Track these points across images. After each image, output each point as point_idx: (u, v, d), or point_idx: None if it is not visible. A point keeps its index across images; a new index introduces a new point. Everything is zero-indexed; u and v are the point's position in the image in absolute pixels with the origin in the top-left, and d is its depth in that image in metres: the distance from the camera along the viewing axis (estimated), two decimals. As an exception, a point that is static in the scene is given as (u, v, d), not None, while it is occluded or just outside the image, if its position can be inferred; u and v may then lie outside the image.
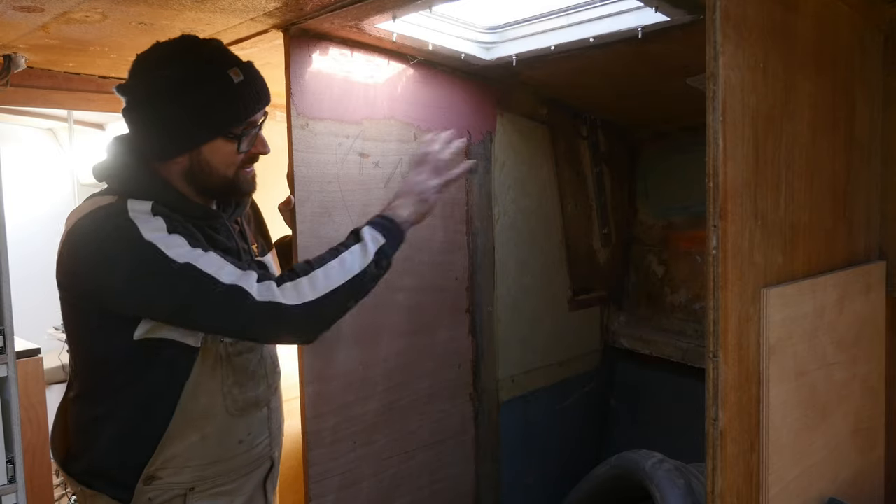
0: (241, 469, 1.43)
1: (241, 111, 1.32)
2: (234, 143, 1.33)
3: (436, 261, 1.98)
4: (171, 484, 1.34)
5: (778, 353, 1.23)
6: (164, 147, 1.32)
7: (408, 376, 1.92)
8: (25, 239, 3.92)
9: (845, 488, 1.47)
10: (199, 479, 1.36)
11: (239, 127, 1.33)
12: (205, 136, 1.31)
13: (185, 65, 1.29)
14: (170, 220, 1.26)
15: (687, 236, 2.55)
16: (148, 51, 1.33)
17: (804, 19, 1.30)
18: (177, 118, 1.28)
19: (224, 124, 1.31)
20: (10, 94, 1.93)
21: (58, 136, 4.22)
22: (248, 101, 1.32)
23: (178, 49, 1.32)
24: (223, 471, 1.39)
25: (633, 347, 2.58)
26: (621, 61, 1.88)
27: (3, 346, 1.82)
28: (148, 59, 1.32)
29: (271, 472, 1.53)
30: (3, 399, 1.83)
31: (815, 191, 1.36)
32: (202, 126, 1.30)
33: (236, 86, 1.29)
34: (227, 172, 1.35)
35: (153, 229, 1.23)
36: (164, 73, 1.28)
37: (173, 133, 1.30)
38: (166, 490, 1.34)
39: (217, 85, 1.29)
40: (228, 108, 1.30)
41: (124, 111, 1.34)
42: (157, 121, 1.30)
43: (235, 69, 1.31)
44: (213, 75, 1.29)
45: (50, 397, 3.23)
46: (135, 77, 1.32)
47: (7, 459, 1.81)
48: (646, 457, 1.90)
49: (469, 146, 2.06)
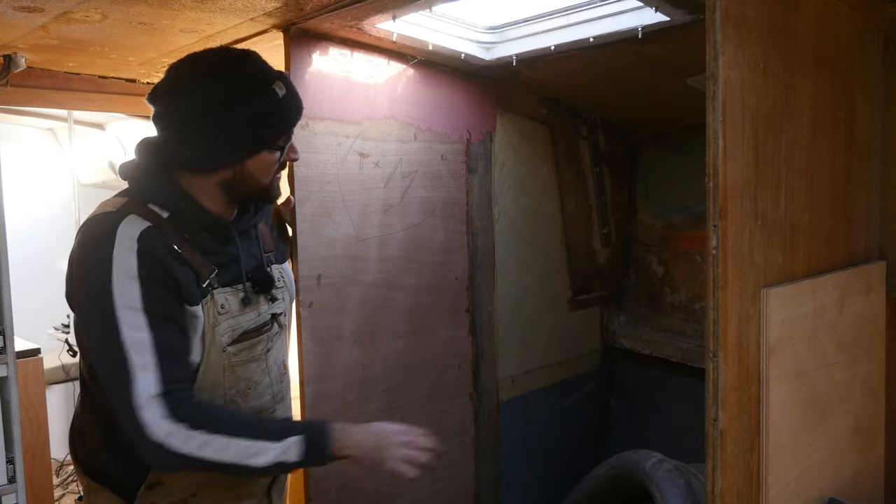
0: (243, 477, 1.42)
1: (286, 124, 1.34)
2: (277, 153, 1.35)
3: (436, 261, 1.98)
4: (173, 490, 1.35)
5: (778, 353, 1.23)
6: (209, 161, 1.32)
7: (408, 376, 1.92)
8: (25, 239, 3.92)
9: (845, 488, 1.47)
10: (201, 486, 1.37)
11: (283, 138, 1.35)
12: (254, 149, 1.32)
13: (232, 79, 1.29)
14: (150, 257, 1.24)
15: (687, 236, 2.55)
16: (188, 63, 1.32)
17: (804, 19, 1.30)
18: (226, 133, 1.29)
19: (272, 137, 1.33)
20: (10, 94, 1.93)
21: (58, 136, 4.22)
22: (291, 113, 1.35)
23: (222, 62, 1.32)
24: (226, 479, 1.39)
25: (633, 347, 2.58)
26: (621, 61, 1.87)
27: (3, 346, 1.82)
28: (192, 73, 1.31)
29: (276, 480, 1.53)
30: (3, 399, 1.83)
31: (815, 191, 1.36)
32: (252, 140, 1.31)
33: (281, 99, 1.31)
34: (264, 181, 1.37)
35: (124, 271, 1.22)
36: (212, 88, 1.27)
37: (222, 148, 1.30)
38: (168, 495, 1.35)
39: (265, 99, 1.29)
40: (276, 121, 1.32)
41: (159, 120, 1.32)
42: (205, 136, 1.29)
43: (279, 82, 1.32)
44: (260, 90, 1.29)
45: (50, 397, 3.23)
46: (176, 89, 1.31)
47: (7, 459, 1.81)
48: (646, 457, 1.90)
49: (469, 146, 2.06)
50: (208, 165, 1.33)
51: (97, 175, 3.89)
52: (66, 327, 3.66)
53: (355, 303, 1.77)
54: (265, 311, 1.42)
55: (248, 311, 1.38)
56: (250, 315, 1.38)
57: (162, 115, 1.32)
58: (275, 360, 1.48)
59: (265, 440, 1.27)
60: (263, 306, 1.42)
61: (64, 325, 3.69)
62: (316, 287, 1.67)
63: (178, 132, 1.31)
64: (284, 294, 1.52)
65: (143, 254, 1.24)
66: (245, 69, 1.31)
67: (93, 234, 1.28)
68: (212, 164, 1.33)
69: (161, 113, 1.32)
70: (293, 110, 1.35)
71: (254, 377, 1.41)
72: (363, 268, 1.78)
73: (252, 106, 1.28)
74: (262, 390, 1.44)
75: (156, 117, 1.33)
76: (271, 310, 1.44)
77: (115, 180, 3.81)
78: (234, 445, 1.25)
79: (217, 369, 1.34)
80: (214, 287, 1.33)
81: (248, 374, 1.40)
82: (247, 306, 1.37)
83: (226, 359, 1.34)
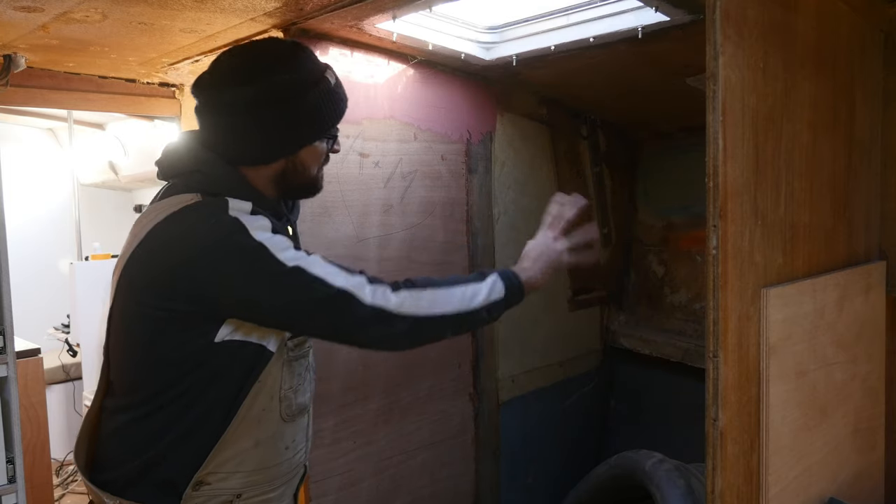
0: (284, 476, 1.41)
1: (339, 112, 1.35)
2: (327, 142, 1.35)
3: (436, 261, 1.98)
4: (219, 490, 1.32)
5: (778, 352, 1.23)
6: (266, 152, 1.31)
7: (408, 376, 1.92)
8: (25, 239, 3.92)
9: (845, 488, 1.47)
10: (246, 486, 1.34)
11: (336, 127, 1.36)
12: (309, 139, 1.32)
13: (290, 70, 1.28)
14: (271, 221, 1.26)
15: (687, 236, 2.55)
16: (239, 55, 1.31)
17: (804, 19, 1.30)
18: (284, 123, 1.28)
19: (328, 126, 1.34)
20: (10, 94, 1.93)
21: (58, 136, 4.22)
22: (343, 101, 1.35)
23: (277, 54, 1.32)
24: (269, 477, 1.37)
25: (633, 347, 2.58)
26: (621, 61, 1.87)
27: (3, 346, 1.82)
28: (245, 64, 1.30)
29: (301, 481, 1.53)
30: (3, 399, 1.83)
31: (815, 191, 1.36)
32: (310, 130, 1.32)
33: (333, 88, 1.32)
34: (314, 172, 1.37)
35: (259, 228, 1.22)
36: (271, 80, 1.26)
37: (283, 137, 1.30)
38: (214, 496, 1.31)
39: (320, 89, 1.30)
40: (332, 110, 1.33)
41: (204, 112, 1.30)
42: (263, 127, 1.28)
43: (330, 71, 1.33)
44: (315, 79, 1.30)
45: (50, 397, 3.23)
46: (230, 81, 1.28)
47: (7, 459, 1.81)
48: (646, 457, 1.90)
49: (469, 146, 2.06)
50: (268, 156, 1.31)
51: (97, 175, 3.89)
52: (65, 327, 3.66)
53: (355, 303, 1.77)
54: None
55: None
56: None
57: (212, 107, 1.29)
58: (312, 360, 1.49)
59: (473, 283, 1.35)
60: None
61: (64, 325, 3.69)
62: (316, 287, 1.67)
63: (234, 124, 1.29)
64: None
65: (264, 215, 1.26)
66: (300, 59, 1.31)
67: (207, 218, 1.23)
68: (271, 155, 1.31)
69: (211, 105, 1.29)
70: (344, 100, 1.36)
71: (302, 373, 1.41)
72: (363, 268, 1.78)
73: (310, 95, 1.29)
74: (306, 388, 1.44)
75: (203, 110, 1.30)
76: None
77: (115, 180, 3.82)
78: (454, 294, 1.31)
79: (277, 364, 1.33)
80: None
81: (299, 370, 1.39)
82: None
83: (285, 353, 1.34)
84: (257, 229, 1.21)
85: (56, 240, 4.15)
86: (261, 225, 1.23)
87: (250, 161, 1.31)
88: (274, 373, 1.32)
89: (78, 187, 3.83)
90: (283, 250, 1.21)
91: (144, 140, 3.28)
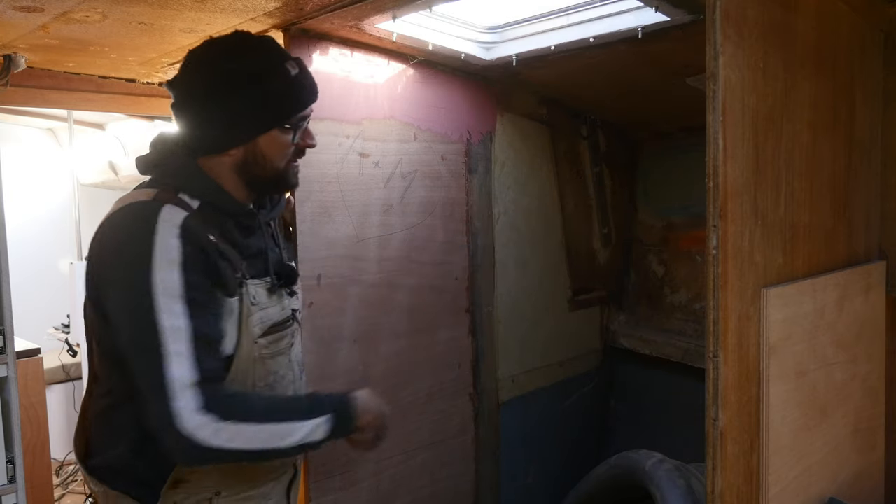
0: (266, 475, 1.42)
1: (297, 102, 1.35)
2: (289, 134, 1.35)
3: (436, 261, 1.98)
4: (198, 488, 1.33)
5: (778, 352, 1.23)
6: (221, 139, 1.33)
7: (408, 376, 1.92)
8: (25, 239, 3.92)
9: (845, 488, 1.47)
10: (225, 484, 1.36)
11: (294, 118, 1.35)
12: (263, 126, 1.33)
13: (245, 58, 1.31)
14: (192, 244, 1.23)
15: (687, 236, 2.55)
16: (202, 46, 1.35)
17: (804, 19, 1.30)
18: (237, 109, 1.30)
19: (282, 115, 1.34)
20: (10, 94, 1.93)
21: (58, 136, 4.22)
22: (302, 93, 1.35)
23: (236, 44, 1.35)
24: (250, 475, 1.38)
25: (633, 347, 2.58)
26: (621, 61, 1.87)
27: (3, 346, 1.82)
28: (205, 54, 1.33)
29: (294, 480, 1.53)
30: (3, 399, 1.83)
31: (815, 191, 1.36)
32: (262, 117, 1.32)
33: (293, 78, 1.33)
34: (279, 164, 1.37)
35: (166, 258, 1.20)
36: (225, 67, 1.30)
37: (233, 124, 1.31)
38: (192, 494, 1.33)
39: (276, 77, 1.31)
40: (286, 98, 1.33)
41: (174, 106, 1.35)
42: (216, 113, 1.31)
43: (292, 62, 1.34)
44: (272, 68, 1.32)
45: (50, 397, 3.23)
46: (191, 71, 1.33)
47: (7, 459, 1.81)
48: (646, 457, 1.90)
49: (469, 146, 2.06)
50: (221, 144, 1.33)
51: (97, 175, 3.89)
52: (65, 327, 3.66)
53: (355, 303, 1.77)
54: (287, 305, 1.43)
55: (275, 303, 1.38)
56: (277, 308, 1.39)
57: (177, 99, 1.34)
58: (296, 357, 1.49)
59: (293, 421, 1.28)
60: (286, 300, 1.43)
61: (64, 325, 3.68)
62: (316, 287, 1.67)
63: (192, 113, 1.32)
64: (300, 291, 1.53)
65: (185, 241, 1.22)
66: (258, 48, 1.34)
67: (132, 220, 1.26)
68: (225, 143, 1.33)
69: (176, 97, 1.33)
70: (306, 91, 1.36)
71: (280, 371, 1.42)
72: (363, 268, 1.78)
73: (262, 82, 1.30)
74: (287, 385, 1.44)
75: (173, 104, 1.34)
76: (291, 305, 1.45)
77: (115, 180, 3.82)
78: (264, 431, 1.24)
79: (248, 361, 1.34)
80: (246, 278, 1.33)
81: (276, 367, 1.40)
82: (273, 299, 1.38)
83: (256, 350, 1.34)
84: (162, 258, 1.20)
85: (56, 240, 4.15)
86: (169, 256, 1.20)
87: (206, 150, 1.34)
88: (244, 369, 1.33)
89: (78, 187, 3.83)
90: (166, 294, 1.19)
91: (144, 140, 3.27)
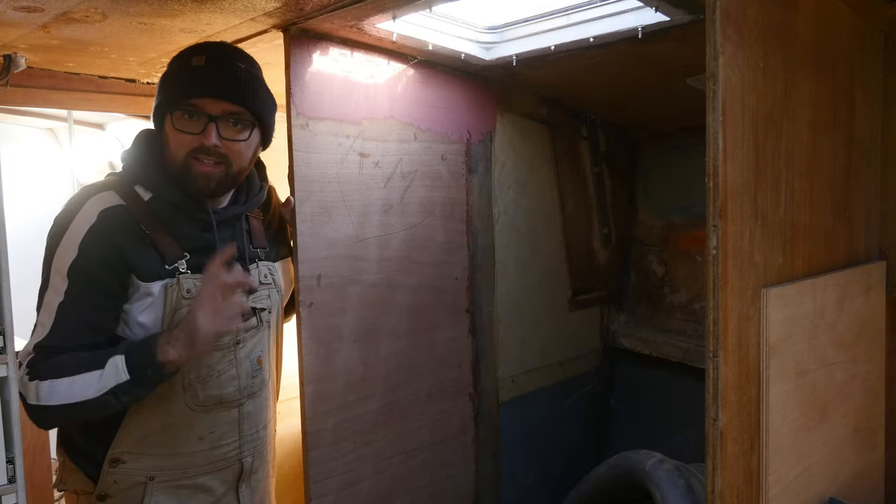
0: (202, 466, 1.46)
1: (186, 88, 1.37)
2: (187, 124, 1.39)
3: (436, 261, 1.98)
4: (133, 470, 1.39)
5: (778, 352, 1.23)
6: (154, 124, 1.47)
7: (408, 376, 1.92)
8: (25, 239, 3.91)
9: (845, 488, 1.47)
10: (158, 469, 1.41)
11: (182, 103, 1.37)
12: (159, 109, 1.42)
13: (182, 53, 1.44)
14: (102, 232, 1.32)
15: (687, 236, 2.55)
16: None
17: (804, 19, 1.30)
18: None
19: (169, 99, 1.39)
20: (10, 94, 1.93)
21: (58, 136, 4.21)
22: (197, 81, 1.37)
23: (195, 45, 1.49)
24: (183, 465, 1.43)
25: (633, 347, 2.58)
26: (621, 61, 1.87)
27: (3, 346, 1.81)
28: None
29: (244, 476, 1.53)
30: (3, 399, 1.82)
31: (815, 191, 1.36)
32: (157, 99, 1.42)
33: (193, 68, 1.38)
34: (178, 156, 1.40)
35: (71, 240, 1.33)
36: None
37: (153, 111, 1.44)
38: (129, 475, 1.40)
39: (177, 64, 1.41)
40: (174, 82, 1.40)
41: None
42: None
43: (203, 56, 1.39)
44: (180, 57, 1.42)
45: (50, 397, 3.22)
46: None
47: (7, 459, 1.81)
48: (646, 457, 1.90)
49: (469, 146, 2.06)
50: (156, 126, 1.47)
51: (97, 175, 3.88)
52: (66, 327, 3.66)
53: (355, 303, 1.77)
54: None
55: None
56: None
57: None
58: (247, 355, 1.50)
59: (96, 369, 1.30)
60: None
61: (64, 325, 3.68)
62: (316, 287, 1.67)
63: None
64: (271, 291, 1.56)
65: (94, 230, 1.32)
66: (199, 45, 1.46)
67: (67, 205, 1.38)
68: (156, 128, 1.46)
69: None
70: (203, 82, 1.37)
71: (216, 365, 1.43)
72: (363, 268, 1.78)
73: (168, 69, 1.42)
74: (226, 381, 1.46)
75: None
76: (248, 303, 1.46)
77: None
78: (75, 383, 1.30)
79: None
80: (182, 271, 1.36)
81: (210, 361, 1.42)
82: None
83: None
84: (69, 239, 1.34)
85: (56, 240, 4.15)
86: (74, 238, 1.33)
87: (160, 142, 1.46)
88: None
89: (78, 187, 3.82)
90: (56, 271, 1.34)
91: (144, 140, 3.28)
